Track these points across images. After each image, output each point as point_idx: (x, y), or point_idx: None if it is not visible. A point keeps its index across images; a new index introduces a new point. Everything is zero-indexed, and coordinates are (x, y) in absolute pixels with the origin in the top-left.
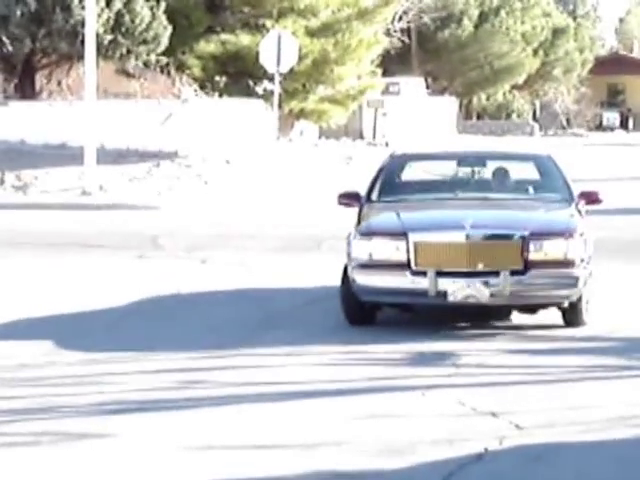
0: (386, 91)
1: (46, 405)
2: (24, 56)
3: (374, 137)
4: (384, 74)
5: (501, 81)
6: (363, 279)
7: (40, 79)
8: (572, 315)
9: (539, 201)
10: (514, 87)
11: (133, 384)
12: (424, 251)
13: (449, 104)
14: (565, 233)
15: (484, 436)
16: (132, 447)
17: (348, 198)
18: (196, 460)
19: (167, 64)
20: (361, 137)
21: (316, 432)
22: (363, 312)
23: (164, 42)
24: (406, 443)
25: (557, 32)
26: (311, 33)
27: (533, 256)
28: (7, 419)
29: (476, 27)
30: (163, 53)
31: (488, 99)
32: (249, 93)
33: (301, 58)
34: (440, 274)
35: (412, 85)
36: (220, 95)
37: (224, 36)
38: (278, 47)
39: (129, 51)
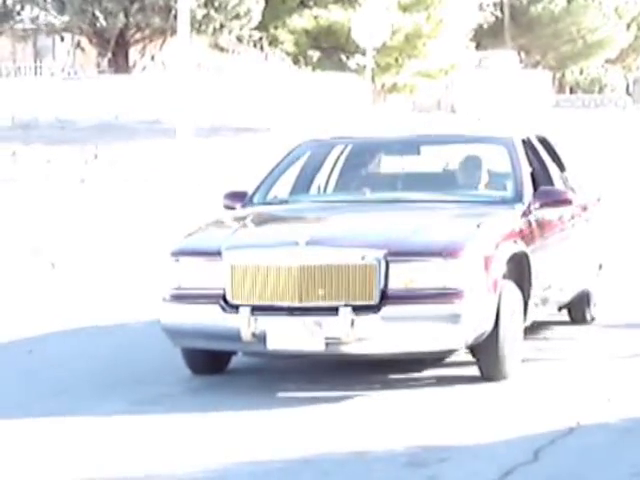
0: (479, 65)
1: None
2: (117, 31)
3: (466, 111)
4: (477, 48)
5: (594, 55)
6: (169, 316)
7: (133, 54)
8: (487, 367)
9: (467, 203)
10: (607, 61)
11: None
12: (243, 277)
13: (542, 78)
14: (444, 251)
15: (575, 409)
16: None
17: (232, 199)
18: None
19: (260, 39)
20: (453, 111)
21: (405, 405)
22: (207, 358)
23: (257, 17)
24: (496, 416)
25: None
26: (403, 7)
27: (393, 284)
28: None
29: (569, 1)
30: (256, 28)
31: (581, 73)
32: (342, 67)
33: (393, 32)
34: (260, 310)
35: (505, 59)
36: (313, 69)
37: (317, 11)
38: (371, 21)
39: (222, 26)
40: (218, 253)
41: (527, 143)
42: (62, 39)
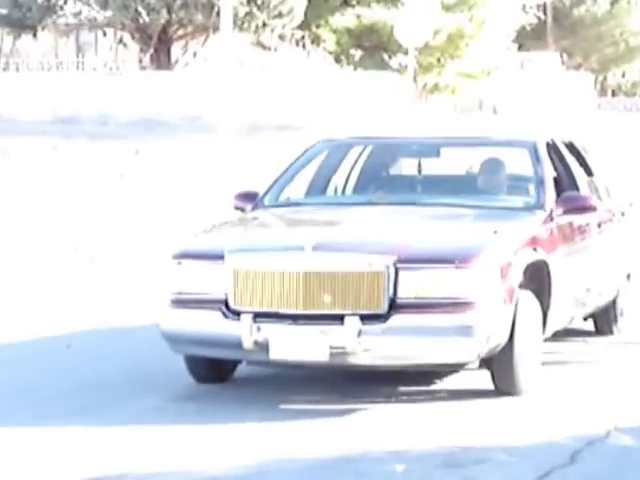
0: (521, 66)
1: None
2: (160, 27)
3: (508, 112)
4: (519, 49)
5: (636, 58)
6: (169, 322)
7: (176, 50)
8: (501, 381)
9: (486, 208)
10: None
11: None
12: (246, 282)
13: (585, 80)
14: (457, 259)
15: (613, 412)
16: None
17: (243, 200)
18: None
19: (302, 37)
20: (495, 112)
21: (426, 414)
22: (211, 366)
23: (299, 15)
24: (529, 421)
25: None
26: (447, 7)
27: (402, 293)
28: None
29: (612, 3)
30: (298, 26)
31: (623, 76)
32: (383, 67)
33: (436, 32)
34: (263, 317)
35: (547, 61)
36: (355, 69)
37: (359, 9)
38: (413, 21)
39: (264, 24)
40: (221, 256)
41: (552, 146)
42: (104, 34)
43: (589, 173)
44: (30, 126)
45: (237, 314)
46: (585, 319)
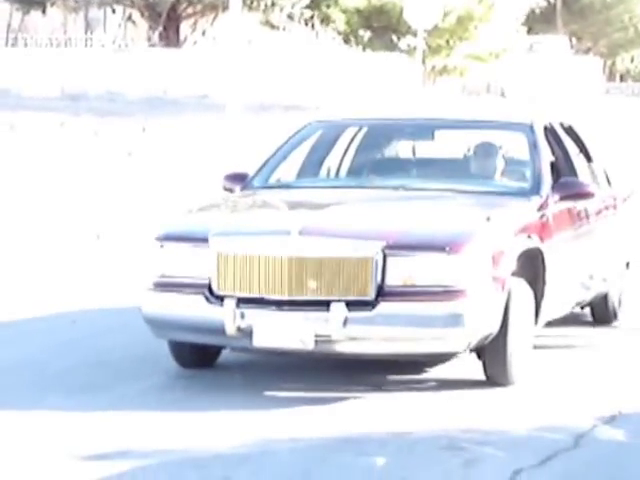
0: (529, 50)
1: None
2: (169, 5)
3: (515, 95)
4: (528, 33)
5: None
6: (151, 306)
7: (185, 28)
8: (493, 370)
9: (480, 193)
10: None
11: None
12: (230, 267)
13: (593, 65)
14: (447, 246)
15: (617, 398)
16: None
17: (232, 181)
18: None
19: (311, 17)
20: (503, 95)
21: (423, 400)
22: (194, 352)
23: None
24: (532, 405)
25: None
26: None
27: (391, 280)
28: None
29: None
30: (307, 6)
31: (632, 61)
32: (392, 48)
33: (445, 14)
34: (247, 302)
35: (556, 44)
36: (363, 49)
37: None
38: (423, 2)
39: (273, 3)
40: (205, 239)
41: (550, 130)
42: (113, 11)
43: (588, 159)
44: (38, 102)
45: (220, 299)
46: (582, 308)
